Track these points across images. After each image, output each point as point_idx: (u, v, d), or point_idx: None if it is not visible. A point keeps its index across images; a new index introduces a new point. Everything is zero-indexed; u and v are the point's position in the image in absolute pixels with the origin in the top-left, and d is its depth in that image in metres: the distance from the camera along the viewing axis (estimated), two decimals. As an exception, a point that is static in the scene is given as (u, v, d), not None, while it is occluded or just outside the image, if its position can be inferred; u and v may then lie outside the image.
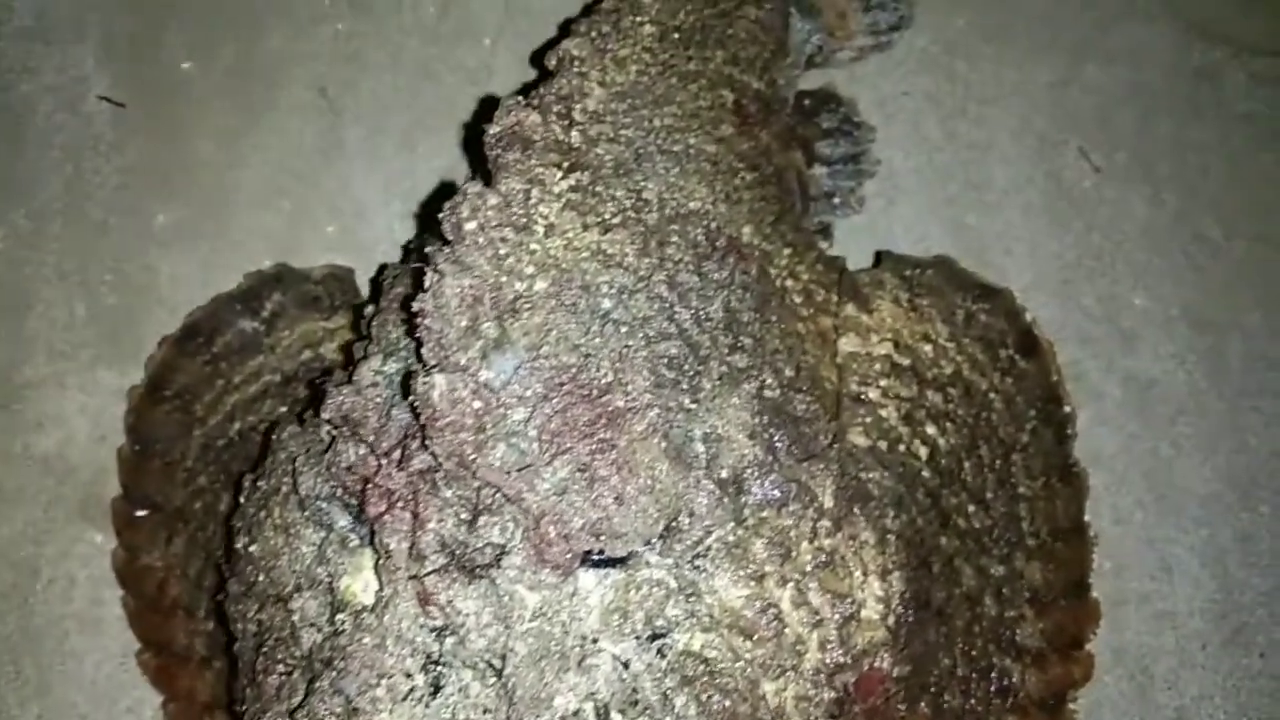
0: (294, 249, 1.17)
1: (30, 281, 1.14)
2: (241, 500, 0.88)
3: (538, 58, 1.26)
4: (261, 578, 0.80)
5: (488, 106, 1.05)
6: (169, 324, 1.11)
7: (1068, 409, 1.03)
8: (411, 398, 0.65)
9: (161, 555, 1.05)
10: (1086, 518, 1.00)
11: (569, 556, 0.67)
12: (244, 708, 0.78)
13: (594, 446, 0.68)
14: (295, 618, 0.75)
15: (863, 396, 0.93)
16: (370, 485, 0.68)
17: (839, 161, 1.26)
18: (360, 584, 0.73)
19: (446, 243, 0.71)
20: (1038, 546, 0.98)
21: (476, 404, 0.65)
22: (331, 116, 1.22)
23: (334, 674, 0.69)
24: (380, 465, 0.68)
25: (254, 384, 1.11)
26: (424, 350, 0.66)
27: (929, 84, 1.32)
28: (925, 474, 0.94)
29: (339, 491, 0.73)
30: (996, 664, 0.94)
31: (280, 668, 0.76)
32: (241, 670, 0.81)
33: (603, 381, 0.71)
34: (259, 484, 0.85)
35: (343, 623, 0.71)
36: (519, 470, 0.66)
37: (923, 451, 0.94)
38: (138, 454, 1.08)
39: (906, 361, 0.97)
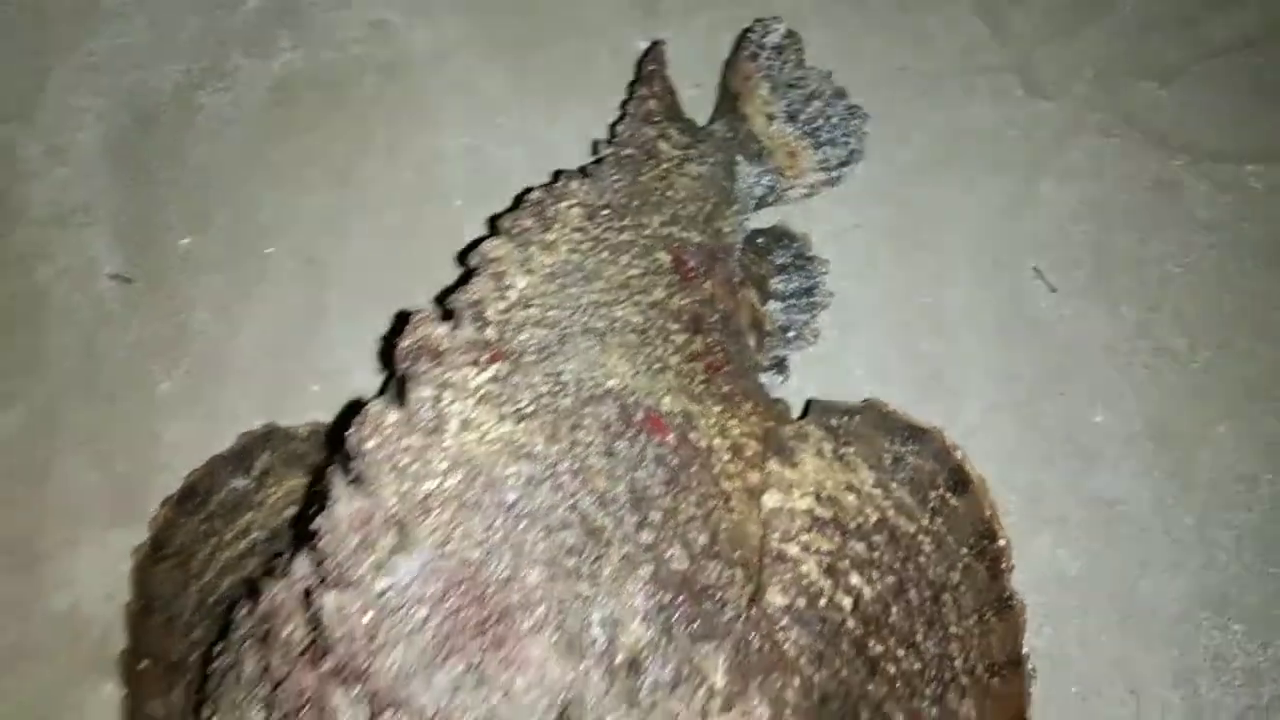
0: (282, 409, 1.26)
1: (48, 454, 1.26)
2: (209, 670, 0.96)
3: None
4: (218, 754, 0.88)
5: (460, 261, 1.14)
6: (171, 485, 1.20)
7: (1001, 542, 1.05)
8: (310, 612, 0.73)
9: (163, 704, 1.13)
10: (1024, 650, 1.02)
11: (461, 751, 0.73)
12: None
13: (485, 645, 0.74)
14: (240, 793, 0.82)
15: (783, 553, 0.97)
16: (284, 684, 0.75)
17: (792, 296, 1.31)
18: (292, 768, 0.80)
19: (350, 459, 0.78)
20: (972, 683, 1.01)
21: (366, 618, 0.71)
22: (317, 283, 1.32)
23: None
24: (294, 667, 0.76)
25: (243, 540, 1.20)
26: (321, 568, 0.74)
27: (881, 215, 1.36)
28: (849, 624, 0.97)
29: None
30: (934, 803, 0.97)
31: None
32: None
33: (501, 576, 0.77)
34: (221, 658, 0.93)
35: (273, 805, 0.78)
36: (411, 673, 0.72)
37: (846, 602, 0.98)
38: (142, 610, 1.17)
39: (829, 514, 1.01)
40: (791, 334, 1.29)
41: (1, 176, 1.41)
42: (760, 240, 1.34)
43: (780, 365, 1.28)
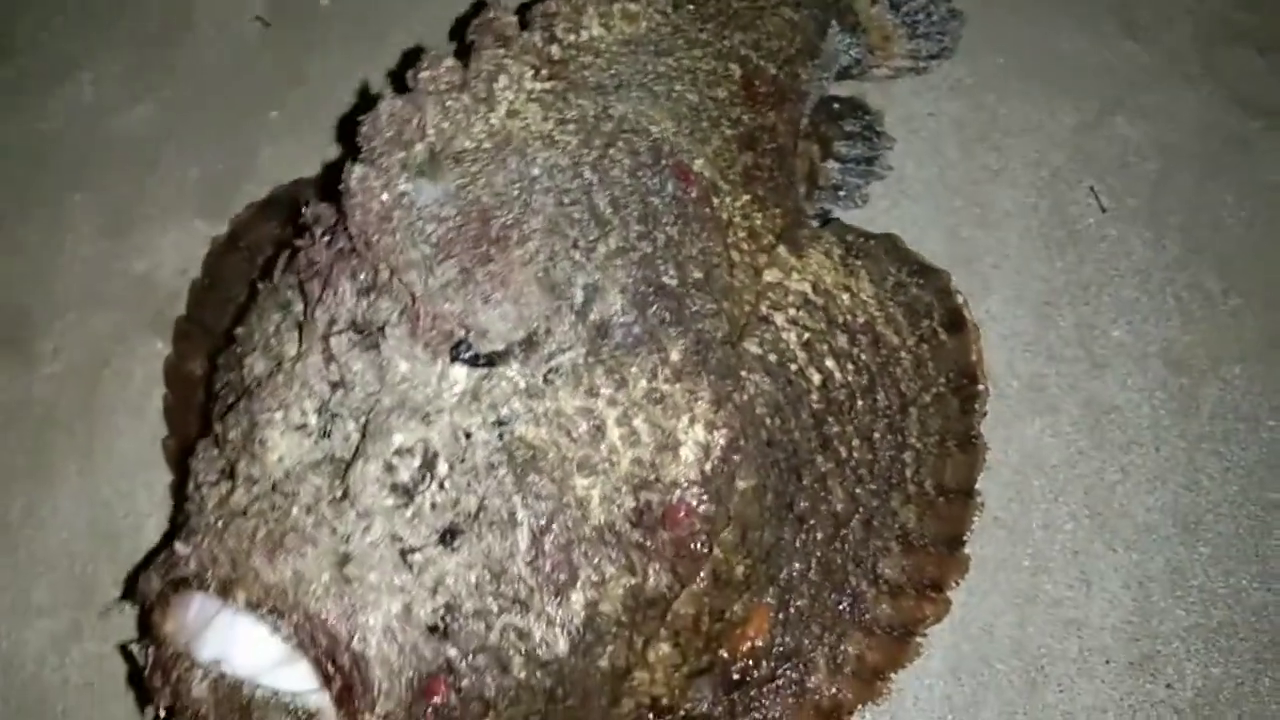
0: (369, 154, 1.39)
1: (162, 146, 1.43)
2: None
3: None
4: (238, 350, 1.00)
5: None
6: (257, 194, 1.35)
7: (981, 387, 1.11)
8: (339, 184, 0.84)
9: (200, 365, 1.27)
10: (977, 485, 1.07)
11: (437, 336, 0.82)
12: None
13: (477, 257, 0.84)
14: (245, 372, 0.94)
15: (769, 318, 1.04)
16: (300, 255, 0.87)
17: (852, 161, 1.38)
18: (294, 348, 0.91)
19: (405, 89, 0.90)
20: (919, 494, 1.06)
21: (385, 196, 0.82)
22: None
23: (247, 400, 0.87)
24: (314, 242, 0.87)
25: (308, 250, 1.33)
26: (359, 152, 0.85)
27: (957, 110, 1.42)
28: (813, 397, 1.03)
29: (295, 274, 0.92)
30: (853, 583, 1.02)
31: (229, 410, 0.95)
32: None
33: (507, 221, 0.87)
34: (260, 285, 1.05)
35: (271, 370, 0.89)
36: (410, 262, 0.82)
37: (815, 378, 1.04)
38: (205, 288, 1.32)
39: (821, 302, 1.08)
40: (842, 194, 1.36)
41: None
42: (836, 106, 1.42)
43: (824, 219, 1.35)
